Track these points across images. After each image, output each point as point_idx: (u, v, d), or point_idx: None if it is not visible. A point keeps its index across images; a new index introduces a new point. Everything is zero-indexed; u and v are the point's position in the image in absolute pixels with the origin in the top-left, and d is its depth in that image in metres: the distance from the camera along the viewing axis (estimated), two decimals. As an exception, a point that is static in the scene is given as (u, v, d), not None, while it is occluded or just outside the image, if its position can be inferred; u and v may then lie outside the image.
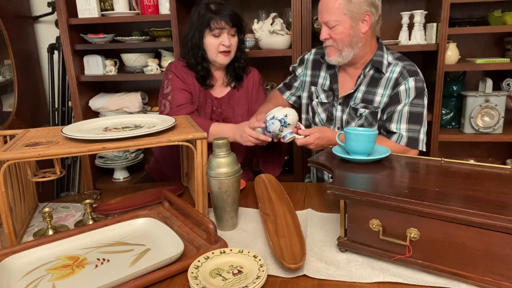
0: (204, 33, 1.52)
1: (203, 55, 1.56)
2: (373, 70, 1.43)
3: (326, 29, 1.37)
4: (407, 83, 1.37)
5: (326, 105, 1.53)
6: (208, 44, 1.53)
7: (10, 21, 2.28)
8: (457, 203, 0.76)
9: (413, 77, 1.37)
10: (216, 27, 1.49)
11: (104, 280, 0.75)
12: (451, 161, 1.02)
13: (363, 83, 1.44)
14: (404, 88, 1.37)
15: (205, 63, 1.57)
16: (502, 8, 1.95)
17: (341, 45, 1.37)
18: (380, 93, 1.41)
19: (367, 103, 1.43)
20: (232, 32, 1.54)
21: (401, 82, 1.37)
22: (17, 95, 2.33)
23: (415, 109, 1.38)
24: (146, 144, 0.99)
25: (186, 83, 1.58)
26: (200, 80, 1.59)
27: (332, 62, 1.43)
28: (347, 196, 0.86)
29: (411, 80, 1.36)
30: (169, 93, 1.56)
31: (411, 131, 1.38)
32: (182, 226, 0.99)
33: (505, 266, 0.72)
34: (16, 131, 1.15)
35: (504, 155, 2.27)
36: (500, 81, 2.10)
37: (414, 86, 1.36)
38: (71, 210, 1.22)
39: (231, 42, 1.54)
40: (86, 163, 2.30)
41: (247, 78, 1.67)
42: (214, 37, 1.52)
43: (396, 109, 1.38)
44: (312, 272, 0.83)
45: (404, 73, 1.38)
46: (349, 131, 1.07)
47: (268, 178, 1.30)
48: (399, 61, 1.41)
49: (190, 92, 1.58)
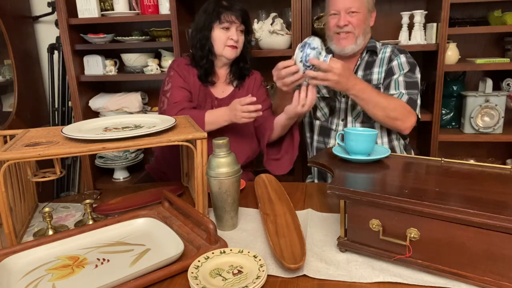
0: (213, 26, 1.54)
1: (210, 48, 1.57)
2: (368, 54, 1.56)
3: (346, 15, 1.46)
4: (399, 59, 1.50)
5: (328, 99, 1.58)
6: (216, 37, 1.55)
7: (10, 21, 2.28)
8: (457, 203, 0.76)
9: (403, 54, 1.51)
10: (226, 20, 1.52)
11: (104, 280, 0.75)
12: (451, 161, 1.02)
13: (360, 68, 1.55)
14: (396, 63, 1.49)
15: (211, 55, 1.58)
16: (502, 8, 1.95)
17: (358, 32, 1.48)
18: (376, 71, 1.53)
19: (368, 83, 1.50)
20: (240, 29, 1.56)
21: (393, 59, 1.50)
22: (17, 95, 2.33)
23: (410, 79, 1.48)
24: (146, 144, 0.99)
25: (187, 82, 1.58)
26: (203, 76, 1.60)
27: (346, 51, 1.50)
28: (347, 196, 0.86)
29: (402, 56, 1.50)
30: (169, 90, 1.57)
31: (410, 94, 1.46)
32: (182, 226, 0.99)
33: (505, 266, 0.72)
34: (16, 131, 1.15)
35: (504, 155, 2.27)
36: (500, 81, 2.10)
37: (406, 61, 1.49)
38: (71, 210, 1.22)
39: (239, 38, 1.56)
40: (86, 163, 2.30)
41: (249, 79, 1.68)
42: (223, 31, 1.54)
43: (392, 78, 1.48)
44: (312, 272, 0.83)
45: (395, 51, 1.52)
46: (349, 131, 1.07)
47: (268, 178, 1.30)
48: (388, 45, 1.57)
49: (190, 91, 1.58)
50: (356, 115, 1.54)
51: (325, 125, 1.61)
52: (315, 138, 1.65)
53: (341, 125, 1.57)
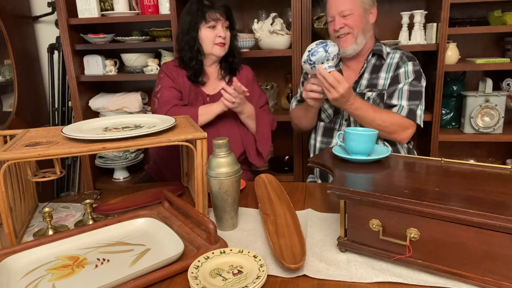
0: (200, 26, 1.57)
1: (199, 48, 1.60)
2: (374, 58, 1.55)
3: (340, 19, 1.48)
4: (407, 66, 1.50)
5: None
6: (204, 37, 1.58)
7: (10, 21, 2.28)
8: (457, 203, 0.76)
9: (411, 62, 1.50)
10: (211, 18, 1.55)
11: (104, 280, 0.75)
12: (451, 161, 1.02)
13: (366, 71, 1.55)
14: (403, 70, 1.49)
15: (200, 56, 1.61)
16: (502, 8, 1.95)
17: (357, 31, 1.48)
18: (383, 77, 1.53)
19: (372, 87, 1.53)
20: (226, 25, 1.59)
21: (401, 66, 1.50)
22: (17, 95, 2.33)
23: (414, 88, 1.48)
24: (146, 144, 0.99)
25: (176, 82, 1.62)
26: (192, 77, 1.63)
27: (348, 52, 1.51)
28: (347, 196, 0.86)
29: (410, 64, 1.50)
30: (159, 91, 1.61)
31: (411, 105, 1.47)
32: (182, 226, 0.99)
33: (505, 266, 0.72)
34: (16, 131, 1.15)
35: (504, 155, 2.27)
36: (500, 81, 2.10)
37: (412, 69, 1.49)
38: (71, 210, 1.22)
39: (226, 35, 1.59)
40: (86, 163, 2.30)
41: (239, 75, 1.69)
42: (210, 29, 1.57)
43: (397, 87, 1.49)
44: (312, 272, 0.83)
45: (404, 58, 1.52)
46: (349, 131, 1.07)
47: (268, 178, 1.30)
48: (397, 50, 1.56)
49: (180, 91, 1.62)
50: None
51: (329, 126, 1.62)
52: (318, 139, 1.65)
53: (345, 125, 1.58)
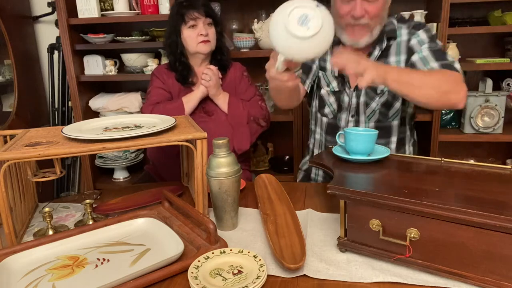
0: (181, 28, 1.59)
1: (182, 51, 1.62)
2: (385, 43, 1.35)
3: (362, 3, 1.24)
4: (417, 36, 1.31)
5: (338, 93, 1.42)
6: (186, 38, 1.59)
7: (10, 21, 2.28)
8: (457, 203, 0.76)
9: (421, 29, 1.32)
10: (190, 18, 1.56)
11: (104, 280, 0.75)
12: (451, 161, 1.02)
13: (372, 57, 1.35)
14: (416, 41, 1.31)
15: (183, 58, 1.63)
16: (502, 8, 1.96)
17: (375, 23, 1.27)
18: (394, 61, 1.34)
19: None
20: (207, 22, 1.60)
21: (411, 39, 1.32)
22: (17, 95, 2.33)
23: (435, 48, 1.29)
24: (146, 144, 0.99)
25: (166, 84, 1.66)
26: (181, 79, 1.65)
27: (360, 44, 1.31)
28: (347, 196, 0.86)
29: (420, 32, 1.32)
30: (149, 92, 1.66)
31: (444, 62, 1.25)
32: (182, 226, 0.99)
33: (505, 266, 0.72)
34: (16, 131, 1.15)
35: (504, 155, 2.27)
36: (500, 81, 2.10)
37: (426, 36, 1.31)
38: (71, 210, 1.22)
39: (208, 32, 1.59)
40: (86, 163, 2.31)
41: (230, 72, 1.70)
42: (191, 29, 1.58)
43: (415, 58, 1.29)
44: (312, 272, 0.83)
45: (411, 30, 1.33)
46: (349, 131, 1.07)
47: (268, 178, 1.30)
48: (402, 24, 1.36)
49: (170, 92, 1.65)
50: (370, 113, 1.39)
51: (333, 122, 1.46)
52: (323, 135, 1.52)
53: (352, 122, 1.42)
